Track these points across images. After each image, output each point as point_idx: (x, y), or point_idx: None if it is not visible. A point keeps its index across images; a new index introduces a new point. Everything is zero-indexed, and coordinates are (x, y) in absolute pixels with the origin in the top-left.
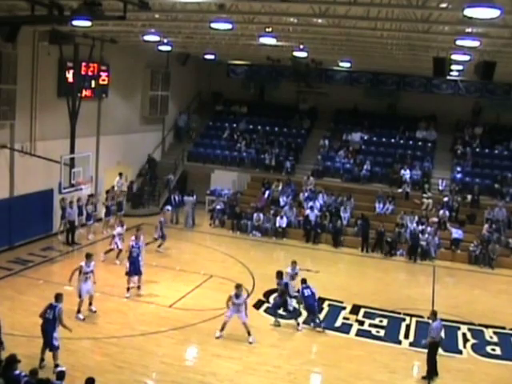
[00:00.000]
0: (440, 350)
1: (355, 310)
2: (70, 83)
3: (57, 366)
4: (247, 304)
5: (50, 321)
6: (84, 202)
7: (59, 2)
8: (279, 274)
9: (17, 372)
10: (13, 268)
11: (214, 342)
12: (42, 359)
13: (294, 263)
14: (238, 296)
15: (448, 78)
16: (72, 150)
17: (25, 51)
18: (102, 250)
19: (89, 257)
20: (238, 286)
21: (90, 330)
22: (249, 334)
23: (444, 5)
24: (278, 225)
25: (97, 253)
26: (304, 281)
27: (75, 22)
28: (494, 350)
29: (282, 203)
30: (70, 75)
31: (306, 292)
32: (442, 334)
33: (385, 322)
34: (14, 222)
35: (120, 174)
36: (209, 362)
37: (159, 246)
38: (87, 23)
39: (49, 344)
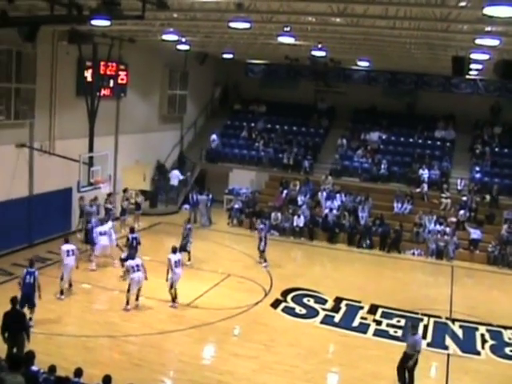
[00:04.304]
0: (458, 351)
1: (373, 309)
2: (88, 82)
3: (30, 319)
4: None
5: (31, 285)
6: (102, 200)
7: (78, 2)
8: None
9: (35, 368)
10: None
11: (232, 340)
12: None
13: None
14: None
15: (467, 77)
16: (91, 149)
17: (44, 51)
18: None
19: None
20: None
21: (107, 328)
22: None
23: (463, 3)
24: (295, 224)
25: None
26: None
27: (94, 22)
28: None
29: (299, 202)
30: (88, 74)
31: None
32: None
33: (402, 322)
34: (34, 220)
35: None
36: (226, 361)
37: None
38: (106, 23)
39: (31, 303)
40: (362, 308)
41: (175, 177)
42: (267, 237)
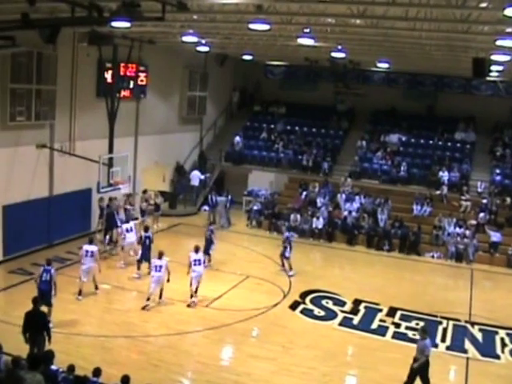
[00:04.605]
0: (478, 355)
1: (392, 312)
2: (108, 84)
3: (49, 321)
4: None
5: (47, 282)
6: (121, 201)
7: (99, 4)
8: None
9: (54, 368)
10: None
11: (250, 342)
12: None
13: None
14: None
15: (487, 78)
16: (110, 150)
17: (65, 52)
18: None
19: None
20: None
21: (126, 328)
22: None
23: (484, 4)
24: (314, 226)
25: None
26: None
27: (114, 24)
28: None
29: (318, 204)
30: (108, 76)
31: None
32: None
33: (421, 324)
34: (53, 220)
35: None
36: (244, 362)
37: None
38: (126, 24)
39: (47, 301)
40: (380, 310)
41: (196, 177)
42: (292, 244)
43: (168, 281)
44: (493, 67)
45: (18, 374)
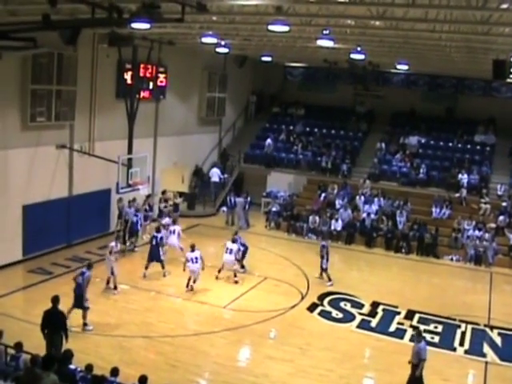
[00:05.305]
0: (497, 359)
1: (410, 315)
2: (128, 85)
3: (85, 324)
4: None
5: (80, 285)
6: (140, 202)
7: (119, 5)
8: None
9: (72, 367)
10: (70, 265)
11: (267, 343)
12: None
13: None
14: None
15: (508, 80)
16: (130, 151)
17: (85, 53)
18: None
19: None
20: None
21: (144, 328)
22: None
23: (505, 6)
24: (333, 227)
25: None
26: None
27: (134, 25)
28: None
29: (337, 206)
30: (128, 77)
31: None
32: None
33: (440, 328)
34: (73, 220)
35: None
36: (261, 364)
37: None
38: (146, 26)
39: (79, 305)
40: (398, 313)
41: (215, 174)
42: (329, 254)
43: (203, 269)
44: None
45: (36, 373)
